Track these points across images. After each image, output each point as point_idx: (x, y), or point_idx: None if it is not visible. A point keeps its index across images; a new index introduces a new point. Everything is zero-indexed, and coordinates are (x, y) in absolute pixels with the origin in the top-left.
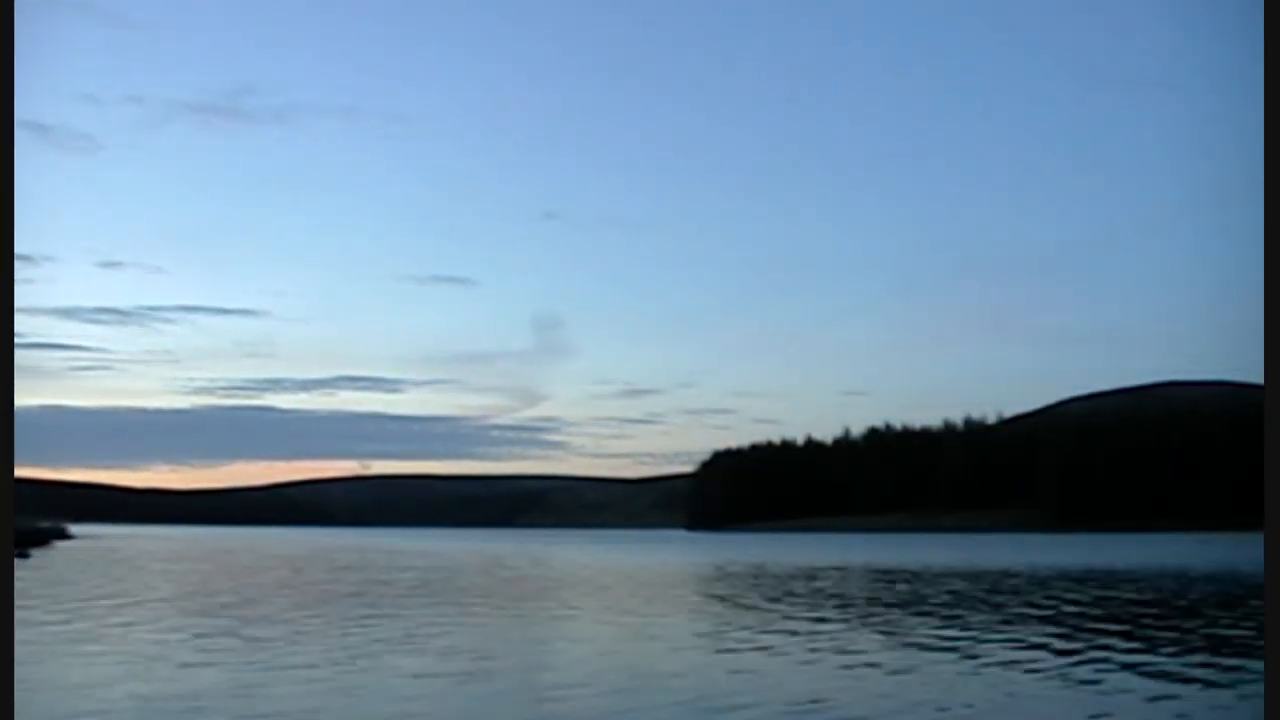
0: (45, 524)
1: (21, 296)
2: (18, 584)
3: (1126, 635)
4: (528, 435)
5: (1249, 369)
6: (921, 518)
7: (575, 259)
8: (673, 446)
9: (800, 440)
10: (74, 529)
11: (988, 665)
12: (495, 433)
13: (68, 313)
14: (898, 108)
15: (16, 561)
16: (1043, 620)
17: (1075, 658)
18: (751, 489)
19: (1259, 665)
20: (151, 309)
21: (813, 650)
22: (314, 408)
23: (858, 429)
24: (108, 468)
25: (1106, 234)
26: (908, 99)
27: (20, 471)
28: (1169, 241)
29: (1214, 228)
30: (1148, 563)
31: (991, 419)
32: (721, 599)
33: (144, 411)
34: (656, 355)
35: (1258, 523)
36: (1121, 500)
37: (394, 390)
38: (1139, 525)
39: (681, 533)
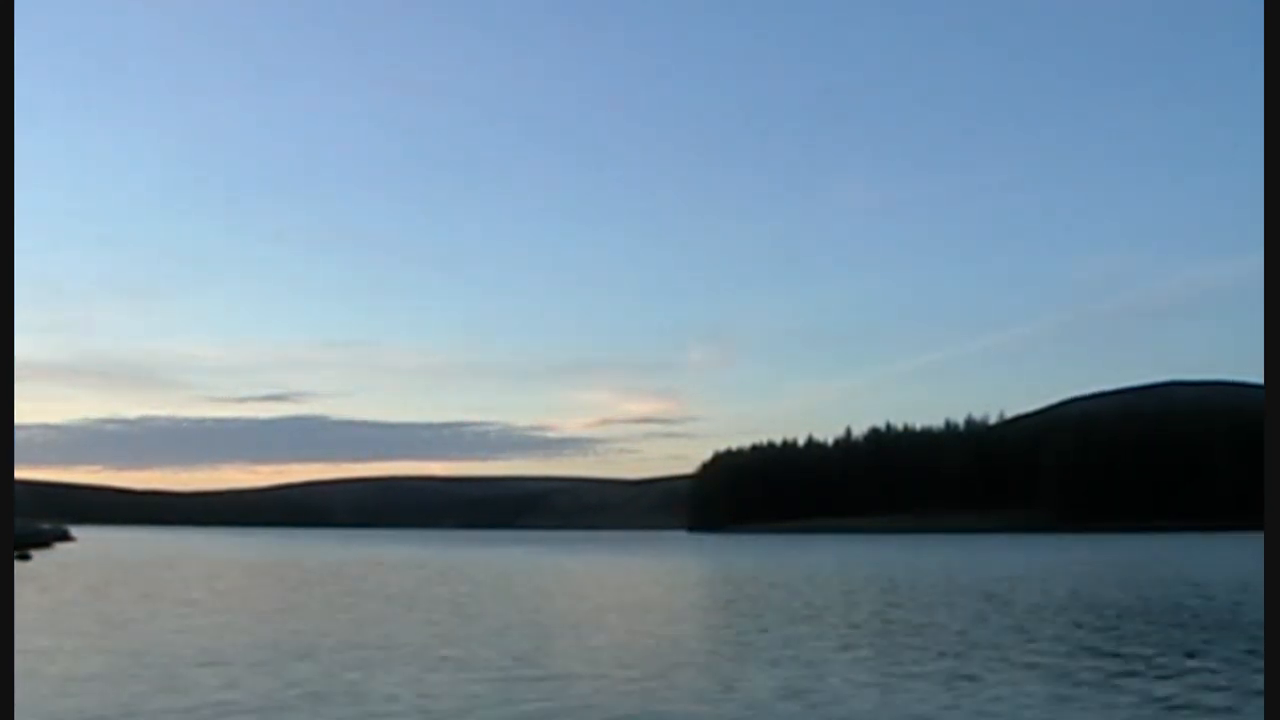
0: (46, 525)
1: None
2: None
3: None
4: (529, 436)
5: (1249, 369)
6: (923, 518)
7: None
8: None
9: (801, 441)
10: (75, 531)
11: None
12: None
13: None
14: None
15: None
16: None
17: None
18: (752, 490)
19: None
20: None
21: None
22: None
23: (859, 429)
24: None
25: (1107, 235)
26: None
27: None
28: (1169, 241)
29: (1214, 227)
30: None
31: (993, 419)
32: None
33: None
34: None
35: (1258, 523)
36: (1122, 500)
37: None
38: (1140, 525)
39: (684, 534)
